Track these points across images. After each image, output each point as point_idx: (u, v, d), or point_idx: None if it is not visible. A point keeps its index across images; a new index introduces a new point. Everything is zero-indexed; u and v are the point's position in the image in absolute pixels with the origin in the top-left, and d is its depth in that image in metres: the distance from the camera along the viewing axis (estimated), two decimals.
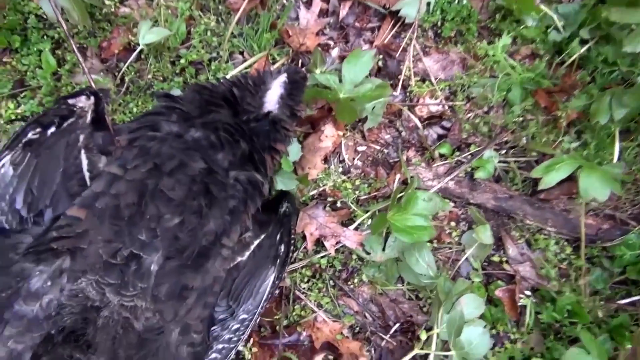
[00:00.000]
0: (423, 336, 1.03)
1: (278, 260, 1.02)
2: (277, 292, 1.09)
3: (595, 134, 1.27)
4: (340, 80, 1.28)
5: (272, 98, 1.08)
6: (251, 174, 0.97)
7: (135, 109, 1.33)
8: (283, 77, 1.11)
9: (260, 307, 0.98)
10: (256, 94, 1.07)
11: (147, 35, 1.26)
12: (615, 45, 1.26)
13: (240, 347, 1.02)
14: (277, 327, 1.20)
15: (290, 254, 1.07)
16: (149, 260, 0.83)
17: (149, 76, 1.36)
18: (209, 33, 1.39)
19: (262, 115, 1.04)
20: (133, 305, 0.82)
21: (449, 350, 1.02)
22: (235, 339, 0.95)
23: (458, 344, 0.98)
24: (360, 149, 1.36)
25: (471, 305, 1.07)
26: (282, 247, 1.03)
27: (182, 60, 1.36)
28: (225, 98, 1.03)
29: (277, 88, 1.09)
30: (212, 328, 0.94)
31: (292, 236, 1.07)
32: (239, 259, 0.97)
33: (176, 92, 1.26)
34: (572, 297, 1.17)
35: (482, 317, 1.08)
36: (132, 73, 1.37)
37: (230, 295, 0.97)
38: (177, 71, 1.36)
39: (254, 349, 1.16)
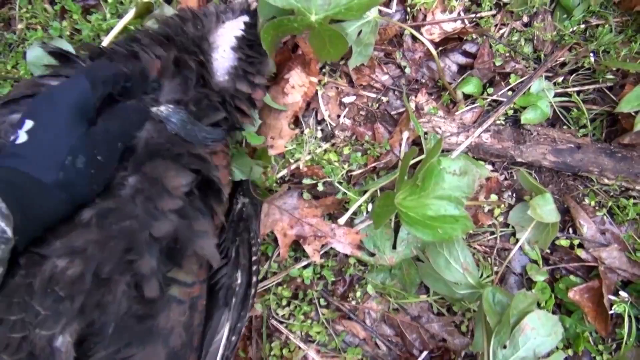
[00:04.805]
0: None
1: (234, 299, 0.64)
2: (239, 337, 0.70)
3: None
4: None
5: (220, 67, 0.66)
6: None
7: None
8: (237, 26, 0.67)
9: None
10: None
11: None
12: None
13: None
14: None
15: (253, 288, 0.67)
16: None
17: (20, 26, 0.91)
18: None
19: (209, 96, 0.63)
20: None
21: None
22: None
23: None
24: (347, 100, 0.93)
25: (541, 330, 0.67)
26: (239, 276, 0.65)
27: None
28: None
29: (227, 50, 0.67)
30: None
31: (255, 257, 0.68)
32: None
33: (61, 44, 0.82)
34: None
35: None
36: None
37: None
38: (57, 12, 0.90)
39: None
